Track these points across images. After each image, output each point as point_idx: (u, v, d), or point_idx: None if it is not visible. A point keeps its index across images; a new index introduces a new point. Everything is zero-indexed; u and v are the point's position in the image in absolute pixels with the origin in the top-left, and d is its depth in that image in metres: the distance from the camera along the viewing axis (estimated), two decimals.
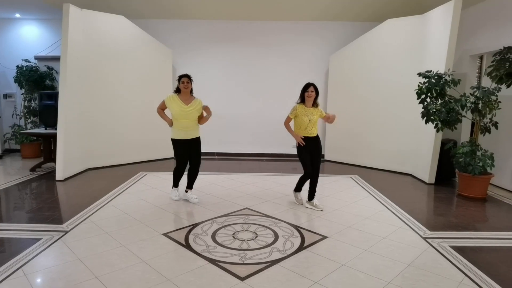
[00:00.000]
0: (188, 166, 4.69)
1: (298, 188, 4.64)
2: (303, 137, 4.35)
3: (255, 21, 7.71)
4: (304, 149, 4.38)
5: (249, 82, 7.89)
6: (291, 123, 4.50)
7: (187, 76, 4.44)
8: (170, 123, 4.53)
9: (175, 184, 4.78)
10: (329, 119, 4.41)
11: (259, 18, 7.62)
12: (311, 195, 4.53)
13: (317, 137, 4.44)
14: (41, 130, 6.56)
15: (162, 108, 4.58)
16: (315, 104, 4.40)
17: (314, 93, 4.31)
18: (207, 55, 7.83)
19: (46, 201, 4.62)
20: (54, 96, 6.31)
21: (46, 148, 6.51)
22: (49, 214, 4.09)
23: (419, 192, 5.45)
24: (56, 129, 5.83)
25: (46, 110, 6.40)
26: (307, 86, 4.33)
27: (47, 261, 2.96)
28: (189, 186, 4.74)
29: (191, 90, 4.52)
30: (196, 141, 4.59)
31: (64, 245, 3.26)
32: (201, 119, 4.62)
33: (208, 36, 7.78)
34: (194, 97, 4.56)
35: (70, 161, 5.84)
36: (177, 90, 4.51)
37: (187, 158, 4.62)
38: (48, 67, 7.75)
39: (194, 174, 4.70)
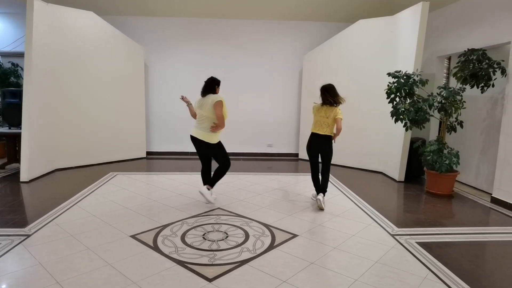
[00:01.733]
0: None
1: (316, 190, 4.63)
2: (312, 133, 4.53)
3: (228, 19, 7.66)
4: (308, 148, 4.60)
5: (223, 81, 7.80)
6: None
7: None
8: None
9: (206, 183, 4.51)
10: (336, 128, 4.43)
11: (232, 16, 7.58)
12: (319, 190, 4.53)
13: (325, 137, 4.45)
14: (4, 129, 6.28)
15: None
16: (336, 103, 4.48)
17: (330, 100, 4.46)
18: (179, 53, 7.73)
19: (9, 204, 4.42)
20: (18, 94, 6.04)
21: (10, 148, 6.24)
22: (11, 217, 3.91)
23: (389, 189, 5.57)
24: (20, 128, 5.59)
25: (10, 109, 6.13)
26: (327, 90, 4.62)
27: (5, 267, 2.82)
28: (211, 183, 4.50)
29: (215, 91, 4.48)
30: (207, 146, 4.32)
31: (25, 249, 3.13)
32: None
33: (180, 34, 7.67)
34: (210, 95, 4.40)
35: (36, 162, 5.62)
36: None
37: (203, 159, 4.50)
38: (13, 64, 7.44)
39: (219, 173, 4.46)
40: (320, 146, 4.51)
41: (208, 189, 4.42)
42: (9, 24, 7.52)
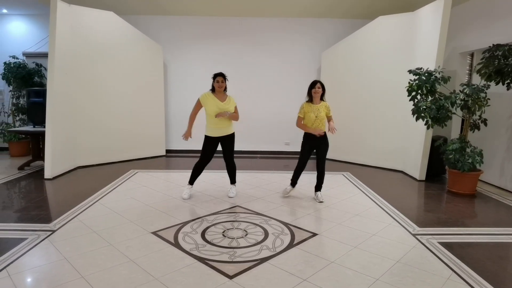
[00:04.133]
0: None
1: (292, 182, 4.79)
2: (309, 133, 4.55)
3: (244, 17, 7.67)
4: (305, 143, 4.62)
5: (240, 80, 7.83)
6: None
7: (221, 75, 4.52)
8: (187, 135, 4.63)
9: (191, 181, 4.75)
10: (329, 125, 4.51)
11: (248, 14, 7.58)
12: (317, 187, 4.74)
13: (323, 135, 4.53)
14: (29, 128, 6.47)
15: (197, 109, 4.61)
16: (322, 100, 4.57)
17: (320, 90, 4.50)
18: (197, 52, 7.78)
19: (34, 200, 4.55)
20: (42, 93, 6.21)
21: (35, 146, 6.41)
22: (36, 213, 4.03)
23: (409, 188, 5.48)
24: (44, 127, 5.75)
25: (34, 108, 6.30)
26: (314, 83, 4.52)
27: (32, 261, 2.92)
28: (232, 181, 4.92)
29: (225, 88, 4.58)
30: (230, 138, 4.65)
31: (51, 244, 3.22)
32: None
33: (198, 32, 7.72)
34: (227, 95, 4.63)
35: (59, 159, 5.77)
36: (212, 89, 4.56)
37: (211, 156, 4.66)
38: (37, 64, 7.64)
39: (230, 169, 4.85)
40: (320, 143, 4.56)
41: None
42: (33, 26, 7.72)
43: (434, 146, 5.63)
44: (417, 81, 5.22)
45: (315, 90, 4.47)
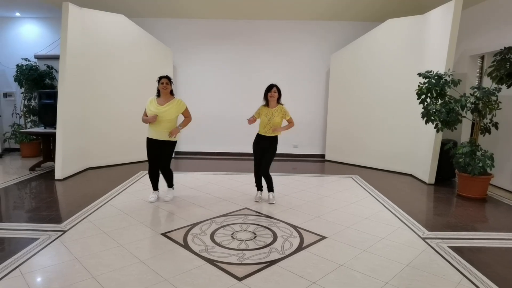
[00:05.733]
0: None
1: (257, 186, 4.82)
2: (259, 135, 4.63)
3: (253, 20, 7.70)
4: (255, 146, 4.68)
5: (249, 82, 7.86)
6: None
7: (166, 77, 4.47)
8: (152, 120, 4.44)
9: (153, 187, 4.72)
10: (287, 125, 4.64)
11: (257, 17, 7.61)
12: (268, 188, 4.76)
13: (272, 138, 4.61)
14: (40, 129, 6.55)
15: (144, 112, 4.58)
16: (278, 103, 4.62)
17: (276, 94, 4.54)
18: (206, 54, 7.82)
19: (45, 201, 4.61)
20: (53, 95, 6.31)
21: (46, 147, 6.50)
22: (48, 214, 4.09)
23: (419, 192, 5.44)
24: (55, 128, 5.83)
25: (45, 109, 6.38)
26: (271, 87, 4.57)
27: (44, 260, 2.96)
28: (168, 184, 4.74)
29: (171, 91, 4.53)
30: (167, 144, 4.49)
31: (62, 244, 3.26)
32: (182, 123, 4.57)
33: (207, 35, 7.77)
34: (173, 97, 4.55)
35: (69, 161, 5.84)
36: (158, 93, 4.52)
37: (157, 160, 4.55)
38: (48, 66, 7.74)
39: (164, 175, 4.67)
40: (268, 146, 4.62)
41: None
42: (44, 28, 7.83)
43: (443, 150, 5.58)
44: (426, 84, 5.19)
45: (271, 94, 4.50)
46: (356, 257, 3.12)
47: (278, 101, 4.62)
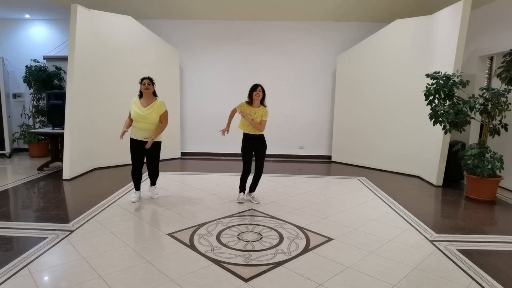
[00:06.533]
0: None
1: (241, 188, 4.75)
2: (246, 134, 4.61)
3: (260, 21, 7.70)
4: (245, 147, 4.63)
5: (254, 82, 7.84)
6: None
7: (148, 78, 4.46)
8: (121, 135, 4.47)
9: (135, 187, 4.74)
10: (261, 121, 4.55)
11: (264, 18, 7.61)
12: (252, 188, 4.74)
13: (260, 136, 4.59)
14: (48, 129, 6.62)
15: (129, 117, 4.55)
16: (262, 104, 4.59)
17: (261, 93, 4.50)
18: (212, 55, 7.84)
19: (53, 200, 4.65)
20: (62, 96, 6.37)
21: (54, 147, 6.56)
22: (55, 213, 4.12)
23: (426, 194, 5.39)
24: (63, 128, 5.88)
25: (54, 110, 6.46)
26: (256, 86, 4.52)
27: (52, 260, 2.98)
28: (152, 182, 4.85)
29: (154, 92, 4.52)
30: (152, 145, 4.44)
31: (69, 244, 3.28)
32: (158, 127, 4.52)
33: (214, 36, 7.79)
34: (157, 99, 4.53)
35: (77, 161, 5.88)
36: (141, 94, 4.50)
37: (141, 160, 4.59)
38: (56, 67, 7.82)
39: (152, 174, 4.78)
40: (258, 146, 4.62)
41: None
42: (53, 30, 7.91)
43: (452, 151, 5.53)
44: (434, 85, 5.15)
45: (256, 93, 4.45)
46: (363, 259, 3.10)
47: (262, 101, 4.57)
